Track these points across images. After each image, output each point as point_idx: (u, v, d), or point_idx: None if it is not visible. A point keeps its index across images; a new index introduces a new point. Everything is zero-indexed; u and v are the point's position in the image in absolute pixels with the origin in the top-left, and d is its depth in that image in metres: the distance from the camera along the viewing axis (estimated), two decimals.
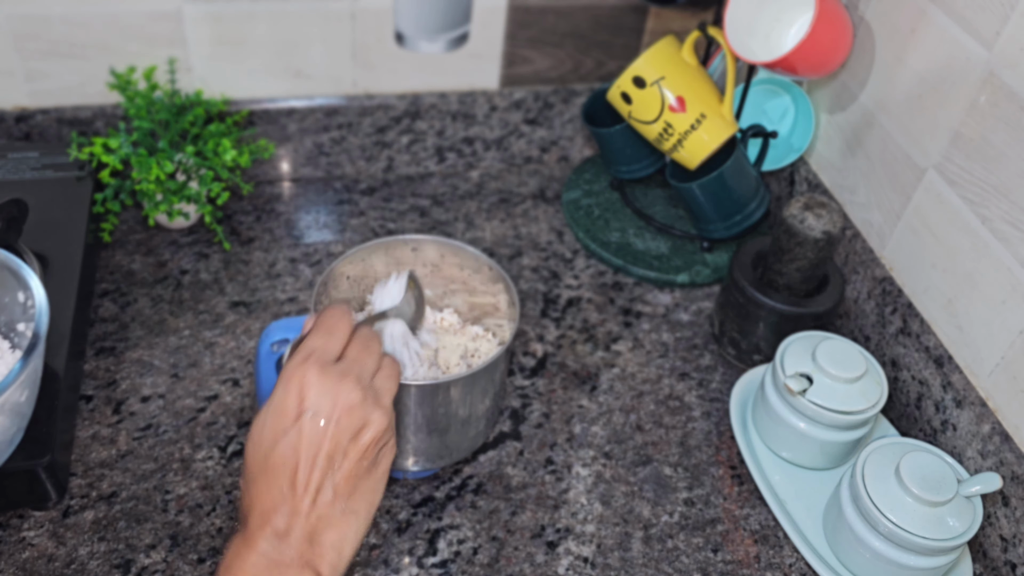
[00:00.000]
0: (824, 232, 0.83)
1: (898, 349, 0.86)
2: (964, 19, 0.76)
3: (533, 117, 1.11)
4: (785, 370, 0.78)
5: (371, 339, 0.57)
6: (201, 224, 1.00)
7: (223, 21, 0.95)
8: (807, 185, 1.01)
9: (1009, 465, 0.72)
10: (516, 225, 1.05)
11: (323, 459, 0.52)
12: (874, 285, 0.89)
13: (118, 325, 0.88)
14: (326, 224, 1.02)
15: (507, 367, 0.82)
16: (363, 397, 0.53)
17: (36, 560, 0.69)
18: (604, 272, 1.00)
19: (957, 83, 0.78)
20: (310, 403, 0.52)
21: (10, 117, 0.96)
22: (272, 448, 0.52)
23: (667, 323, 0.95)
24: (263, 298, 0.92)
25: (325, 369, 0.53)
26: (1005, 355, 0.74)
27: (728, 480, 0.81)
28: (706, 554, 0.75)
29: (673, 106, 0.92)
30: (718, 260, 1.01)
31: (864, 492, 0.69)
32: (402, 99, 1.05)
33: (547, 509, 0.77)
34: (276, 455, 0.52)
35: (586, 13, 1.04)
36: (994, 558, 0.74)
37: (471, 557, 0.73)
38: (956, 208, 0.79)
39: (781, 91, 1.00)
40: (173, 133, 0.92)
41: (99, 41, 0.93)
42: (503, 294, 0.76)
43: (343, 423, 0.52)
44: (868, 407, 0.76)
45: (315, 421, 0.52)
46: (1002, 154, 0.73)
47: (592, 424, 0.84)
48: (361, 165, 1.09)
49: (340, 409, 0.52)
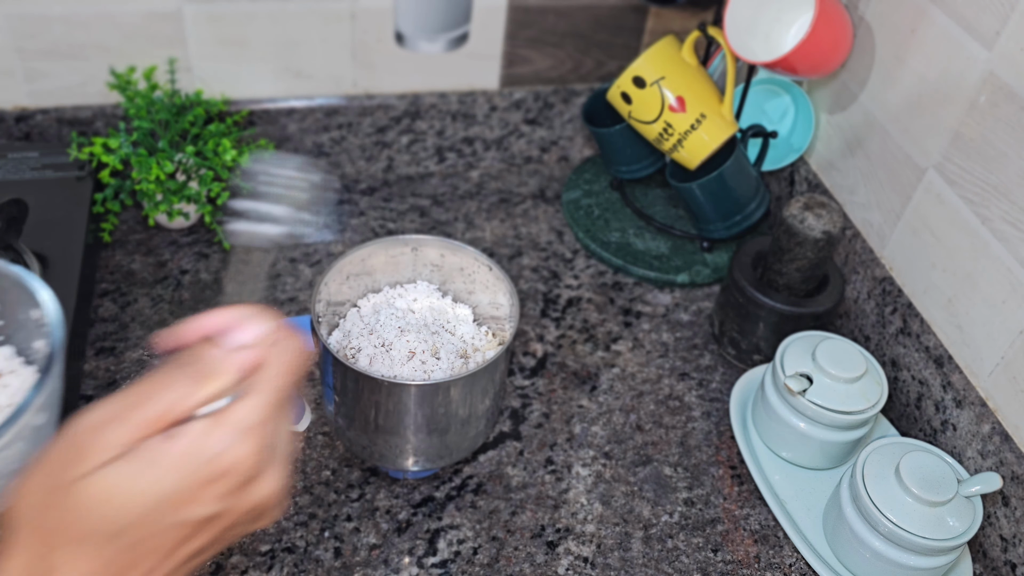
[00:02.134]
0: (824, 232, 0.83)
1: (898, 349, 0.86)
2: (964, 19, 0.76)
3: (533, 117, 1.11)
4: (785, 370, 0.78)
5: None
6: (201, 224, 1.00)
7: (223, 21, 0.95)
8: (807, 185, 1.01)
9: (1009, 465, 0.72)
10: (516, 225, 1.05)
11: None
12: (874, 285, 0.89)
13: (118, 325, 0.88)
14: (326, 224, 1.02)
15: (507, 367, 0.82)
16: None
17: None
18: (604, 272, 1.00)
19: (957, 83, 0.78)
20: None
21: (10, 117, 0.96)
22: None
23: (667, 323, 0.95)
24: (263, 298, 0.92)
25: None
26: (1005, 355, 0.74)
27: (728, 480, 0.81)
28: (706, 554, 0.75)
29: (673, 106, 0.92)
30: (718, 260, 1.01)
31: (864, 492, 0.69)
32: (402, 99, 1.05)
33: (547, 509, 0.77)
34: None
35: (586, 13, 1.04)
36: (994, 558, 0.74)
37: (471, 557, 0.73)
38: (956, 208, 0.79)
39: (781, 91, 1.00)
40: (173, 133, 0.92)
41: (99, 41, 0.93)
42: (503, 294, 0.76)
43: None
44: (868, 407, 0.76)
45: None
46: (1002, 154, 0.73)
47: (592, 424, 0.84)
48: (361, 165, 1.09)
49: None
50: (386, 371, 0.71)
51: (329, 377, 0.71)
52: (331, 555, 0.72)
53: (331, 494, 0.76)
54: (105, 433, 0.39)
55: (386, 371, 0.71)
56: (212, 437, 0.40)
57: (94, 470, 0.38)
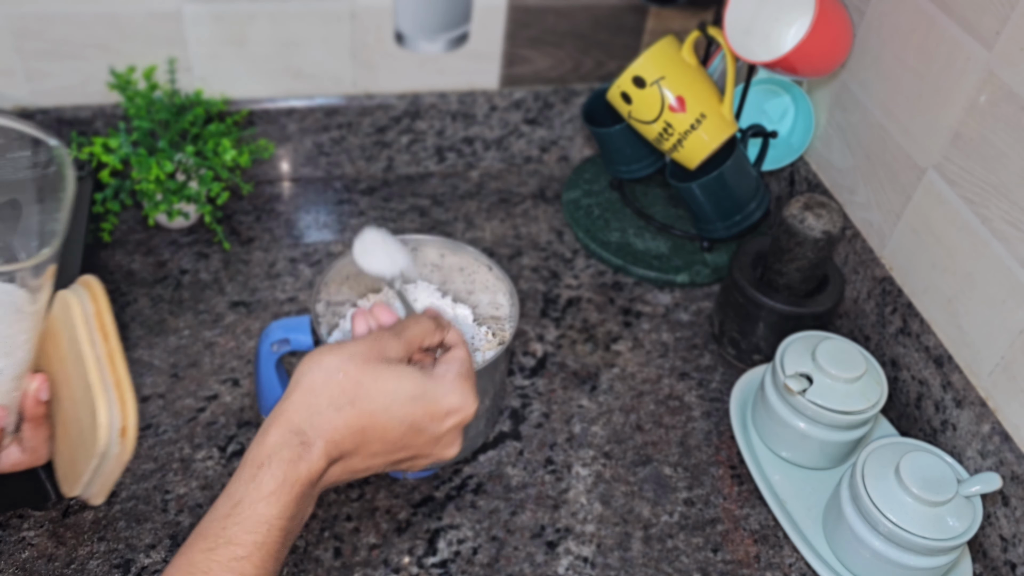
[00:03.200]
0: (824, 232, 0.83)
1: (898, 349, 0.86)
2: (964, 19, 0.76)
3: (533, 117, 1.11)
4: (785, 370, 0.78)
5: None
6: (201, 224, 1.00)
7: (223, 21, 0.95)
8: (807, 185, 1.01)
9: (1009, 465, 0.72)
10: (516, 225, 1.05)
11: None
12: (874, 285, 0.89)
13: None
14: (326, 224, 1.02)
15: (507, 367, 0.82)
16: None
17: (36, 560, 0.69)
18: (604, 272, 1.00)
19: (957, 83, 0.78)
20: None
21: None
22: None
23: (667, 323, 0.95)
24: (263, 298, 0.92)
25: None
26: (1005, 355, 0.74)
27: (728, 480, 0.81)
28: (706, 554, 0.75)
29: (673, 106, 0.92)
30: (718, 260, 1.01)
31: (864, 492, 0.69)
32: (402, 99, 1.05)
33: (547, 509, 0.77)
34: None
35: (586, 13, 1.04)
36: (994, 558, 0.74)
37: (471, 557, 0.73)
38: (956, 208, 0.79)
39: (781, 91, 1.00)
40: (173, 133, 0.92)
41: (99, 41, 0.93)
42: (503, 294, 0.76)
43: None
44: (868, 407, 0.76)
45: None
46: (1002, 154, 0.73)
47: (592, 424, 0.84)
48: (361, 165, 1.09)
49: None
50: None
51: None
52: (331, 555, 0.72)
53: (331, 494, 0.76)
54: (389, 340, 0.57)
55: None
56: (452, 386, 0.56)
57: (379, 362, 0.55)
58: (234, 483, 0.51)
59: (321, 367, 0.54)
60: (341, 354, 0.55)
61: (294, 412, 0.53)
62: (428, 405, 0.55)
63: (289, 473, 0.51)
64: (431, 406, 0.56)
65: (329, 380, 0.54)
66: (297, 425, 0.52)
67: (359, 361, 0.55)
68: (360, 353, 0.55)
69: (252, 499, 0.50)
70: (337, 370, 0.54)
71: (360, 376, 0.54)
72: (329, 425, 0.53)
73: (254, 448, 0.52)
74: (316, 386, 0.54)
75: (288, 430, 0.52)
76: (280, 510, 0.50)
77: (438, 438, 0.57)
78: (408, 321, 0.60)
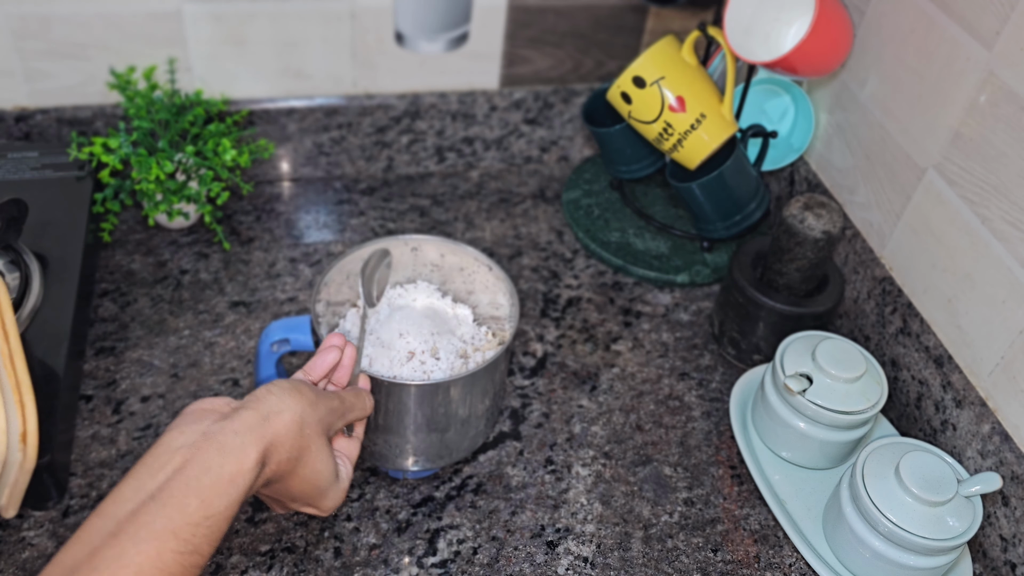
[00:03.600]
0: (824, 232, 0.83)
1: (898, 349, 0.86)
2: (964, 19, 0.76)
3: (533, 117, 1.11)
4: (785, 370, 0.78)
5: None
6: (201, 224, 1.00)
7: (223, 21, 0.95)
8: (807, 185, 1.01)
9: (1009, 465, 0.72)
10: (516, 225, 1.05)
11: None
12: (874, 285, 0.89)
13: (118, 325, 0.88)
14: (326, 224, 1.02)
15: (507, 367, 0.82)
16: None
17: (36, 560, 0.69)
18: (604, 272, 1.00)
19: (957, 83, 0.78)
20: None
21: (10, 117, 0.96)
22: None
23: (667, 323, 0.95)
24: (263, 298, 0.92)
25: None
26: (1005, 355, 0.74)
27: (728, 480, 0.81)
28: (706, 554, 0.75)
29: (673, 106, 0.92)
30: (718, 260, 1.01)
31: (864, 492, 0.69)
32: (402, 99, 1.05)
33: (547, 509, 0.77)
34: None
35: (586, 13, 1.04)
36: (994, 558, 0.74)
37: (471, 557, 0.73)
38: (956, 208, 0.79)
39: (781, 91, 1.00)
40: (173, 133, 0.92)
41: (99, 41, 0.93)
42: (503, 294, 0.76)
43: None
44: (868, 407, 0.76)
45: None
46: (1002, 154, 0.73)
47: (592, 424, 0.84)
48: (361, 165, 1.09)
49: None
50: (386, 371, 0.71)
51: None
52: (331, 555, 0.72)
53: None
54: (336, 416, 0.60)
55: (386, 371, 0.71)
56: (342, 491, 0.61)
57: (324, 435, 0.58)
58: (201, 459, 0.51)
59: (294, 411, 0.56)
60: (310, 410, 0.57)
61: (270, 435, 0.54)
62: (322, 494, 0.59)
63: (250, 474, 0.52)
64: (321, 496, 0.59)
65: (295, 427, 0.55)
66: (269, 443, 0.53)
67: (318, 428, 0.57)
68: (321, 420, 0.58)
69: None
70: (303, 423, 0.56)
71: (312, 439, 0.57)
72: (283, 456, 0.54)
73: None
74: (286, 424, 0.55)
75: (263, 442, 0.53)
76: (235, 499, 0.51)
77: (308, 505, 0.60)
78: (353, 398, 0.63)
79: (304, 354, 0.85)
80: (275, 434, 0.53)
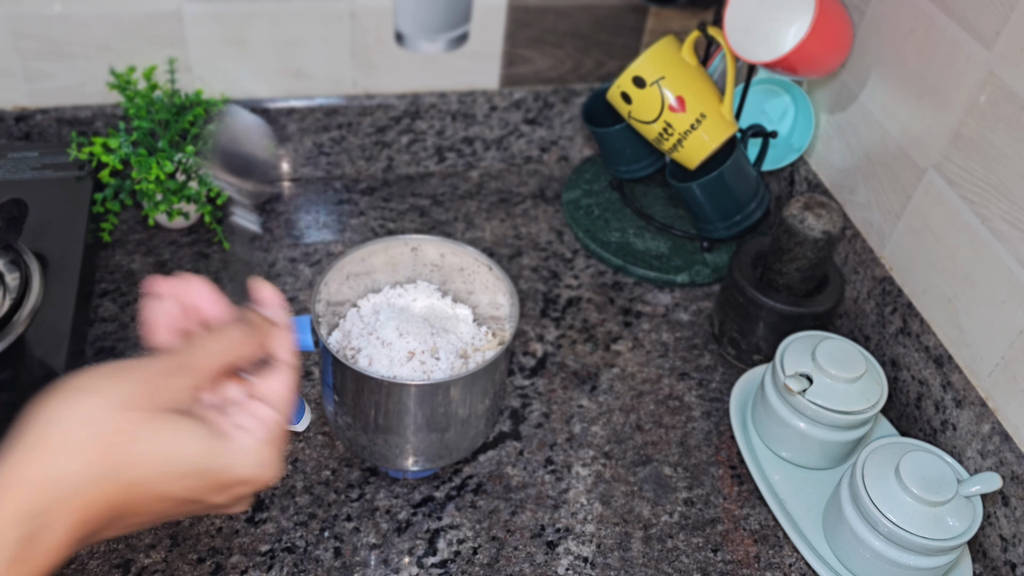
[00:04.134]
0: (824, 232, 0.83)
1: (898, 349, 0.86)
2: (964, 19, 0.76)
3: (533, 117, 1.11)
4: (785, 370, 0.78)
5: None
6: (201, 224, 1.00)
7: (223, 21, 0.95)
8: (807, 185, 1.01)
9: (1009, 465, 0.72)
10: (516, 225, 1.05)
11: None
12: (874, 285, 0.89)
13: (118, 325, 0.88)
14: (326, 224, 1.02)
15: (507, 367, 0.82)
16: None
17: None
18: (604, 272, 1.00)
19: (957, 83, 0.78)
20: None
21: (10, 117, 0.96)
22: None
23: (667, 323, 0.95)
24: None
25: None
26: (1005, 355, 0.74)
27: (728, 480, 0.81)
28: (706, 554, 0.75)
29: (673, 106, 0.92)
30: (718, 260, 1.01)
31: (864, 492, 0.69)
32: (402, 99, 1.05)
33: (547, 509, 0.77)
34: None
35: (586, 13, 1.04)
36: (994, 558, 0.74)
37: (471, 557, 0.73)
38: (956, 208, 0.79)
39: (781, 91, 1.00)
40: (173, 133, 0.92)
41: (99, 41, 0.93)
42: (503, 294, 0.76)
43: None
44: (868, 407, 0.76)
45: None
46: (1002, 154, 0.73)
47: (592, 424, 0.84)
48: (361, 165, 1.09)
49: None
50: (386, 371, 0.71)
51: (329, 377, 0.71)
52: (331, 555, 0.72)
53: (331, 494, 0.76)
54: (175, 376, 0.43)
55: (386, 371, 0.71)
56: (250, 455, 0.44)
57: (157, 413, 0.41)
58: None
59: (79, 418, 0.40)
60: (108, 399, 0.40)
61: (37, 483, 0.38)
62: (213, 477, 0.43)
63: (13, 566, 0.38)
64: (217, 477, 0.43)
65: (90, 438, 0.39)
66: (37, 504, 0.38)
67: (133, 411, 0.40)
68: (134, 398, 0.41)
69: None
70: (102, 423, 0.40)
71: (134, 433, 0.40)
72: (82, 502, 0.39)
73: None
74: (69, 446, 0.39)
75: (24, 508, 0.38)
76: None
77: (220, 505, 0.45)
78: (205, 338, 0.46)
79: (304, 354, 0.85)
80: (36, 502, 0.38)
